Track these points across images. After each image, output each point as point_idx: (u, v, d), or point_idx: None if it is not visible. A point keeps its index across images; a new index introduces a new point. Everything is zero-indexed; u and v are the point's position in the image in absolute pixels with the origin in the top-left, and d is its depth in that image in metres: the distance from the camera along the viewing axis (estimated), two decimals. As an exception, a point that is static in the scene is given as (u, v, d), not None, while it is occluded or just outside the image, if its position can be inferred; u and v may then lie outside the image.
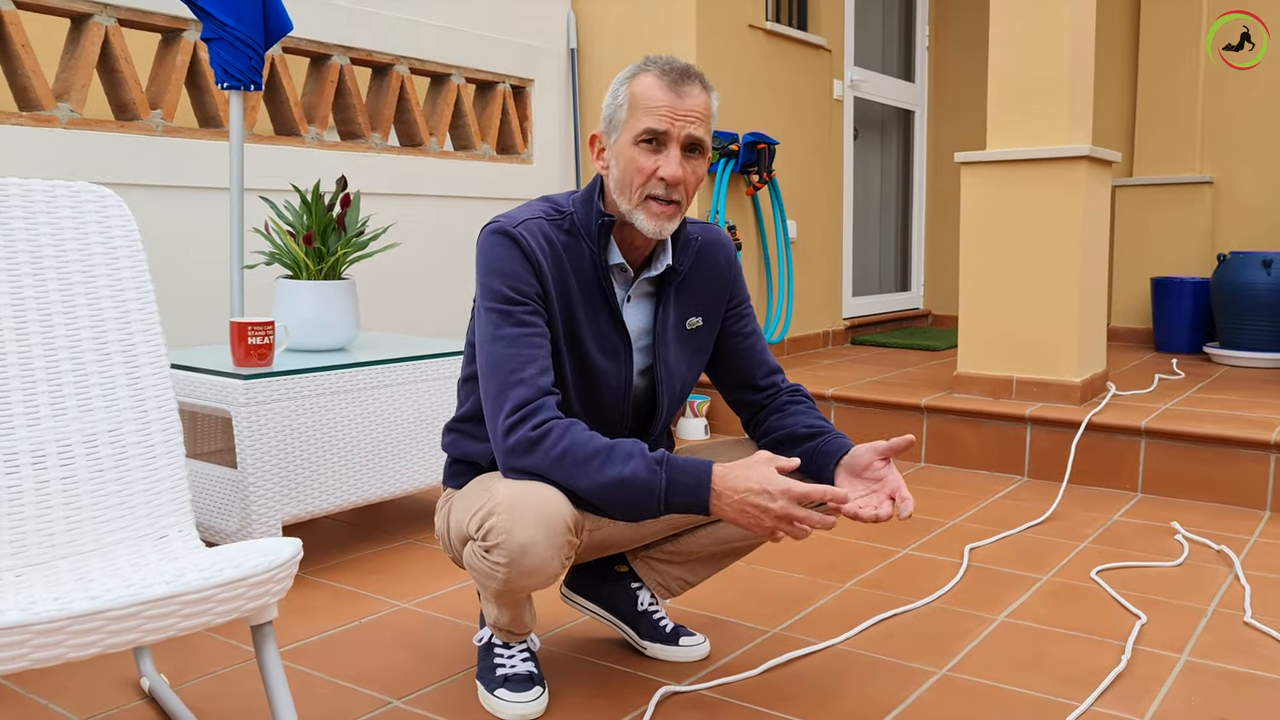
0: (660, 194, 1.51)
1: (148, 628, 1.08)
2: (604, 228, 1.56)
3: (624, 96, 1.52)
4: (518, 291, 1.50)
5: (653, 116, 1.49)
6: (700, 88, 1.52)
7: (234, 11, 2.50)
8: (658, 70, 1.51)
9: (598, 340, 1.58)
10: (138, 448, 1.59)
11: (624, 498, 1.41)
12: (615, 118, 1.54)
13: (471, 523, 1.46)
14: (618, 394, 1.62)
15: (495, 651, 1.67)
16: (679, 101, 1.49)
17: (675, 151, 1.50)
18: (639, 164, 1.50)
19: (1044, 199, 3.24)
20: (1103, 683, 1.73)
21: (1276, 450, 2.79)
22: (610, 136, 1.55)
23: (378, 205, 3.36)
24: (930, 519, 2.73)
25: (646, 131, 1.49)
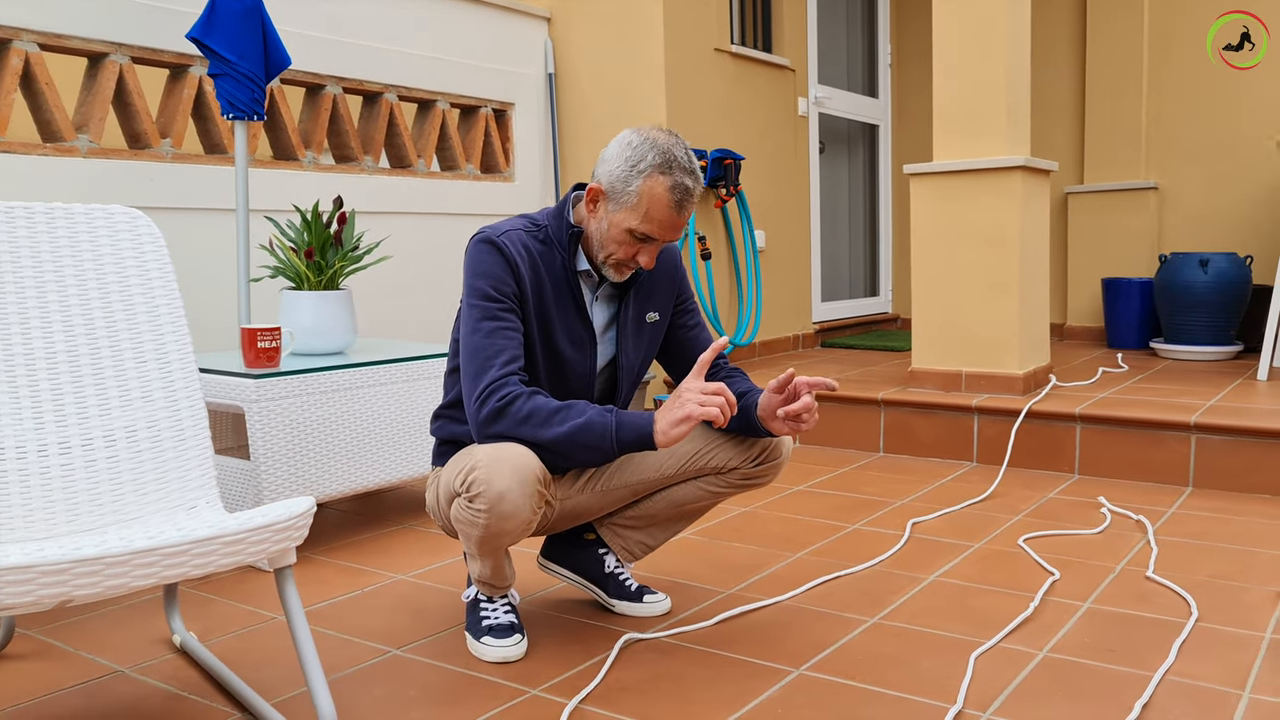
0: (631, 266, 1.84)
1: (194, 563, 1.34)
2: (573, 238, 1.86)
3: (637, 188, 1.76)
4: (497, 291, 1.78)
5: (652, 226, 1.77)
6: (693, 205, 1.81)
7: (237, 49, 2.77)
8: (671, 184, 1.75)
9: (567, 333, 1.86)
10: (172, 436, 1.84)
11: (583, 439, 1.68)
12: (620, 194, 1.78)
13: (456, 479, 1.73)
14: (584, 380, 1.91)
15: (481, 606, 1.93)
16: (677, 219, 1.78)
17: (656, 248, 1.81)
18: (626, 246, 1.80)
19: (985, 206, 3.52)
20: (1010, 625, 2.00)
21: (1196, 431, 3.06)
22: (610, 203, 1.79)
23: (371, 222, 3.63)
24: (880, 499, 3.00)
25: (643, 234, 1.78)
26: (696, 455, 1.93)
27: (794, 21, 5.01)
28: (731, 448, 1.93)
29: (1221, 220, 5.02)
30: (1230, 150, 4.97)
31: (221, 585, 2.33)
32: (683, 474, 1.95)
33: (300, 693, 1.75)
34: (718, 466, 1.94)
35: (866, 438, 3.66)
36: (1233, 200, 4.98)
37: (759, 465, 1.95)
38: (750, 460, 1.94)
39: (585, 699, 1.71)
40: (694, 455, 1.93)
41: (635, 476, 1.94)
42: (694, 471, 1.95)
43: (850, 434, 3.70)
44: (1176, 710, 1.63)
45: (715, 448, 1.93)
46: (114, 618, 2.14)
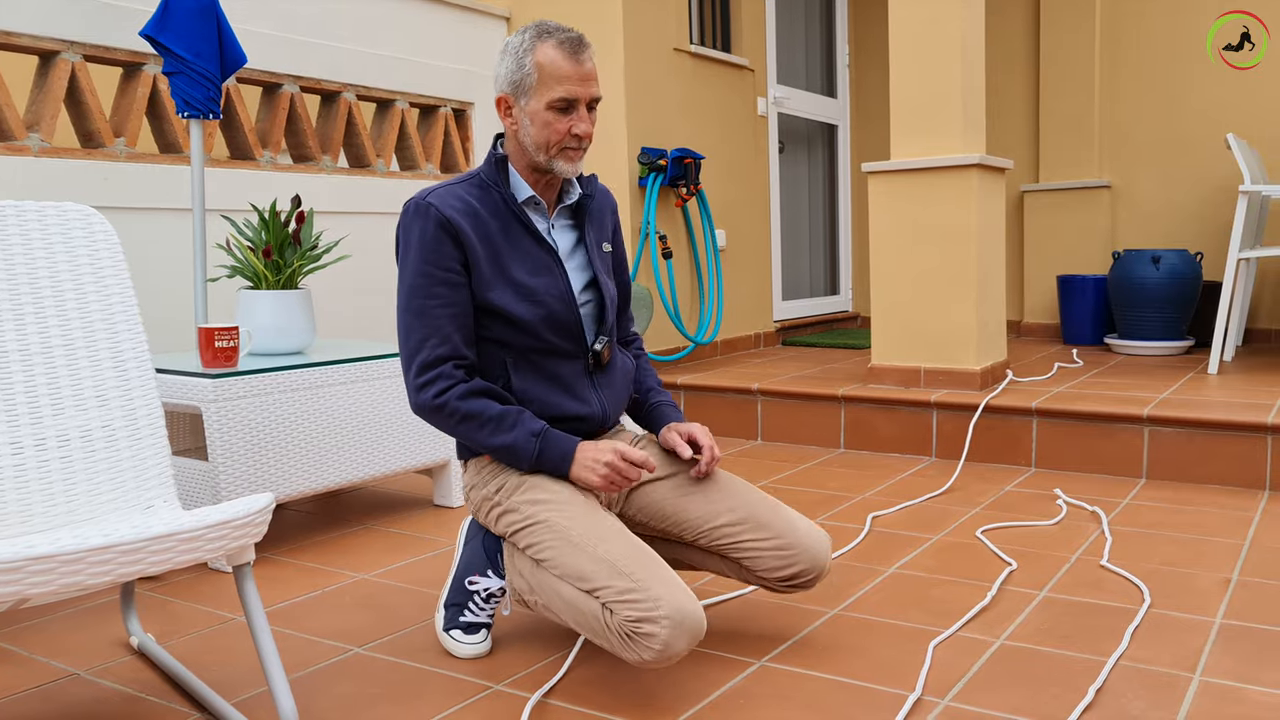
0: (573, 145, 1.77)
1: (151, 560, 1.33)
2: (500, 164, 1.82)
3: (531, 66, 1.72)
4: (430, 263, 1.73)
5: (564, 86, 1.72)
6: (590, 51, 1.78)
7: (192, 47, 2.74)
8: (556, 41, 1.72)
9: (526, 264, 1.80)
10: (127, 436, 1.82)
11: (507, 459, 1.76)
12: (523, 84, 1.74)
13: (620, 605, 1.56)
14: (566, 303, 1.82)
15: (474, 601, 1.88)
16: (581, 69, 1.73)
17: (583, 111, 1.75)
18: (555, 126, 1.74)
19: (942, 204, 3.57)
20: (968, 614, 2.02)
21: (1149, 424, 3.12)
22: (519, 100, 1.76)
23: (330, 222, 3.61)
24: (842, 494, 3.02)
25: (560, 101, 1.73)
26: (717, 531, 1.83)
27: (753, 22, 5.04)
28: (759, 550, 1.80)
29: (1173, 218, 5.11)
30: (1181, 149, 5.06)
31: (179, 587, 2.31)
32: (709, 545, 1.85)
33: (261, 692, 1.74)
34: (745, 563, 1.83)
35: (827, 434, 3.69)
36: (1184, 198, 5.08)
37: (786, 587, 1.84)
38: (778, 580, 1.83)
39: (548, 693, 1.72)
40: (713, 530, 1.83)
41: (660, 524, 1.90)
42: (718, 548, 1.84)
43: (811, 430, 3.73)
44: (1130, 694, 1.66)
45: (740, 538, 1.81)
46: (70, 620, 2.11)
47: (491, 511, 1.81)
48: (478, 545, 1.91)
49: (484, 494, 1.82)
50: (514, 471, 1.80)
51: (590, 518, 1.69)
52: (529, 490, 1.76)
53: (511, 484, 1.79)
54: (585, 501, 1.74)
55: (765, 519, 1.82)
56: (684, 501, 1.86)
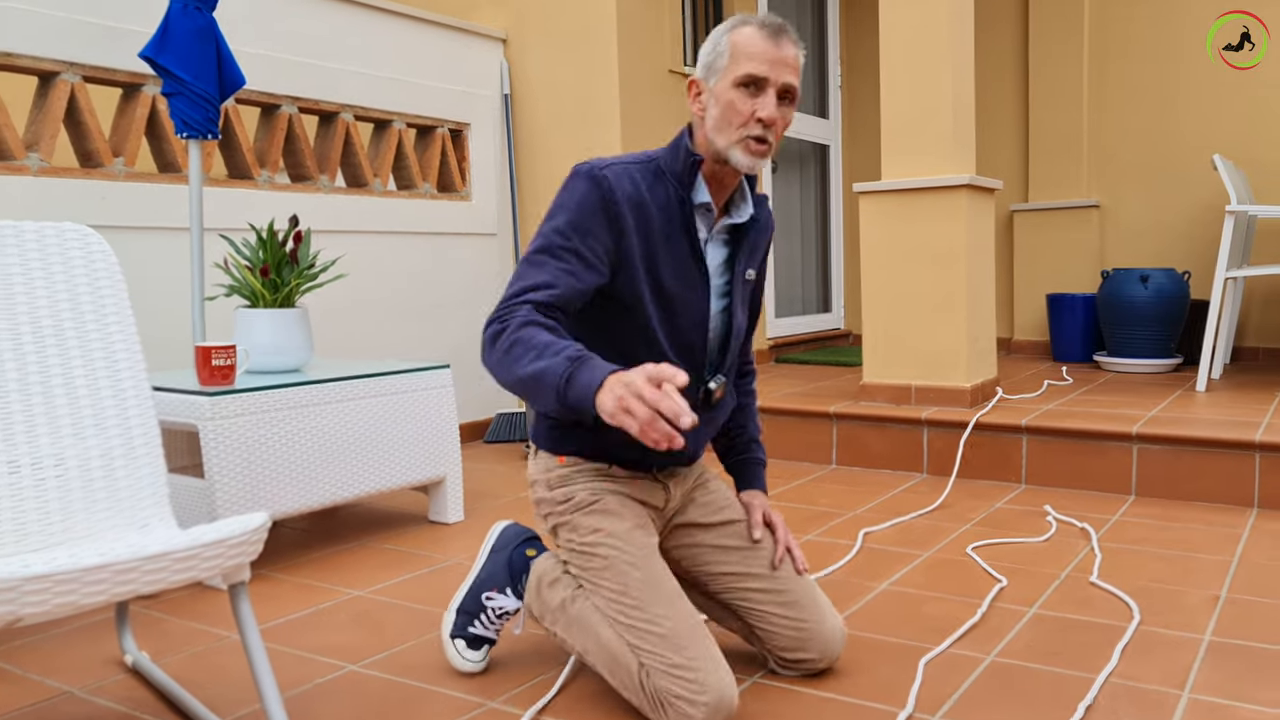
0: (756, 134, 1.64)
1: (146, 579, 1.34)
2: (692, 166, 1.69)
3: (725, 45, 1.65)
4: (575, 229, 1.60)
5: (753, 63, 1.62)
6: (793, 42, 1.66)
7: (191, 69, 2.77)
8: (757, 24, 1.64)
9: (675, 269, 1.69)
10: (123, 455, 1.84)
11: (538, 390, 1.45)
12: (715, 64, 1.66)
13: (665, 677, 1.56)
14: (698, 324, 1.73)
15: (486, 615, 1.87)
16: (777, 51, 1.63)
17: (771, 96, 1.64)
18: (738, 106, 1.63)
19: (932, 223, 3.60)
20: (958, 631, 2.04)
21: (1138, 441, 3.14)
22: (709, 81, 1.67)
23: (327, 241, 3.63)
24: (833, 511, 3.04)
25: (747, 76, 1.62)
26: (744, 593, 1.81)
27: (746, 43, 5.08)
28: (777, 626, 1.79)
29: (1161, 237, 5.16)
30: (1168, 169, 5.11)
31: (174, 604, 2.32)
32: (730, 600, 1.84)
33: (254, 710, 1.75)
34: (759, 631, 1.82)
35: (819, 450, 3.71)
36: (1172, 218, 5.13)
37: (786, 668, 1.83)
38: (785, 659, 1.81)
39: (542, 710, 1.73)
40: (741, 590, 1.81)
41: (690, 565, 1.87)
42: (739, 608, 1.83)
43: (804, 447, 3.75)
44: (1119, 711, 1.68)
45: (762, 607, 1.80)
46: (64, 639, 2.12)
47: (550, 518, 1.76)
48: (503, 561, 1.88)
49: (549, 497, 1.76)
50: (584, 485, 1.74)
51: (651, 568, 1.65)
52: (594, 513, 1.70)
53: (580, 499, 1.73)
54: (648, 541, 1.70)
55: (795, 598, 1.80)
56: (722, 555, 1.83)
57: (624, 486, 1.77)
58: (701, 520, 1.86)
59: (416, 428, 2.86)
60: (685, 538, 1.86)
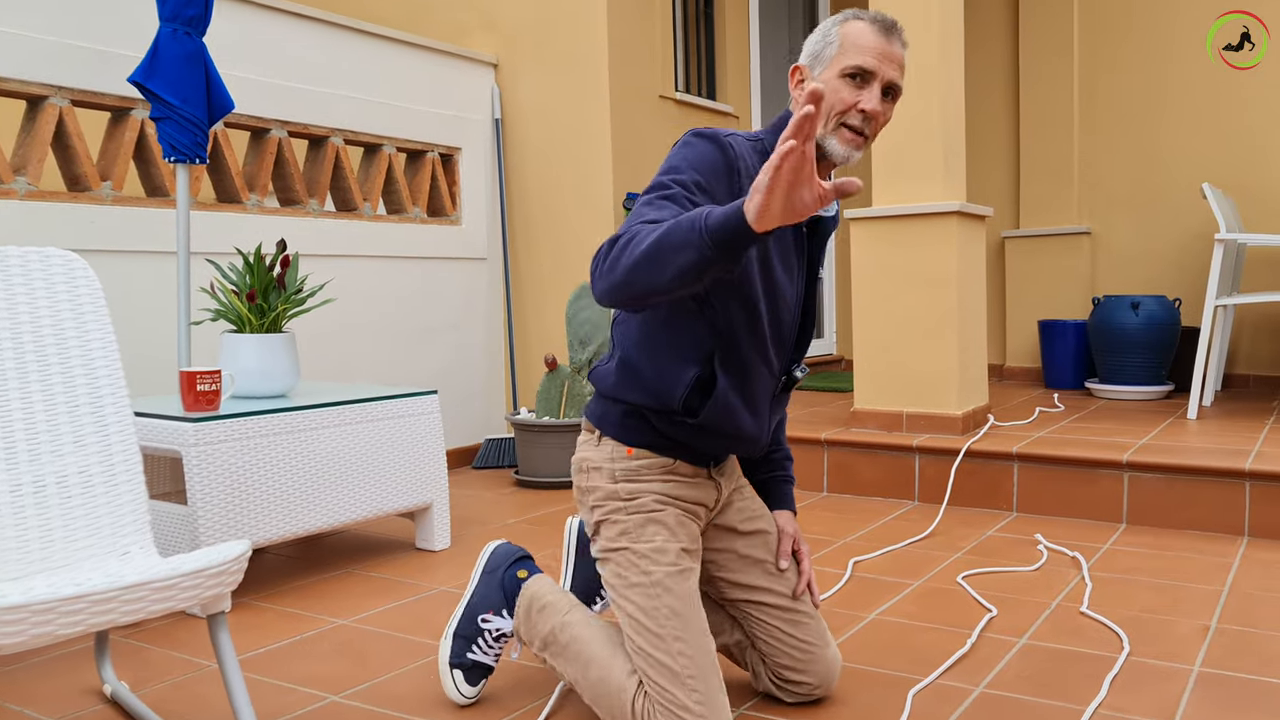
0: (856, 124, 1.62)
1: (124, 609, 1.32)
2: None
3: (835, 36, 1.64)
4: (694, 183, 1.52)
5: (862, 55, 1.61)
6: (902, 42, 1.66)
7: (180, 93, 2.77)
8: (869, 19, 1.64)
9: (782, 256, 1.67)
10: (104, 481, 1.82)
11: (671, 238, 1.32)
12: (823, 54, 1.64)
13: (666, 713, 1.54)
14: (791, 313, 1.71)
15: (483, 638, 1.84)
16: (887, 47, 1.63)
17: (877, 89, 1.62)
18: (842, 95, 1.61)
19: (923, 250, 3.60)
20: (947, 661, 2.02)
21: (1129, 469, 3.14)
22: (814, 69, 1.65)
23: (316, 265, 3.62)
24: (824, 538, 3.02)
25: (855, 67, 1.61)
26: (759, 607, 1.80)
27: (737, 70, 5.11)
28: (784, 645, 1.78)
29: (1152, 264, 5.17)
30: (1158, 196, 5.14)
31: (155, 633, 2.29)
32: (743, 611, 1.82)
33: (234, 742, 1.72)
34: (763, 647, 1.81)
35: (811, 477, 3.70)
36: (1162, 245, 5.15)
37: (782, 689, 1.82)
38: (784, 680, 1.81)
39: (525, 743, 1.70)
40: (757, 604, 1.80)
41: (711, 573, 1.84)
42: (749, 619, 1.81)
43: (796, 474, 3.73)
44: (1107, 743, 1.66)
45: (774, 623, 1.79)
46: (42, 668, 2.09)
47: (600, 509, 1.69)
48: (496, 582, 1.86)
49: (610, 489, 1.68)
50: (652, 487, 1.67)
51: (685, 597, 1.61)
52: (654, 523, 1.65)
53: (645, 503, 1.67)
54: (690, 566, 1.65)
55: (805, 621, 1.80)
56: (748, 566, 1.81)
57: (686, 489, 1.72)
58: (737, 525, 1.83)
59: (403, 454, 2.84)
60: (719, 540, 1.83)
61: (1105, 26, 5.21)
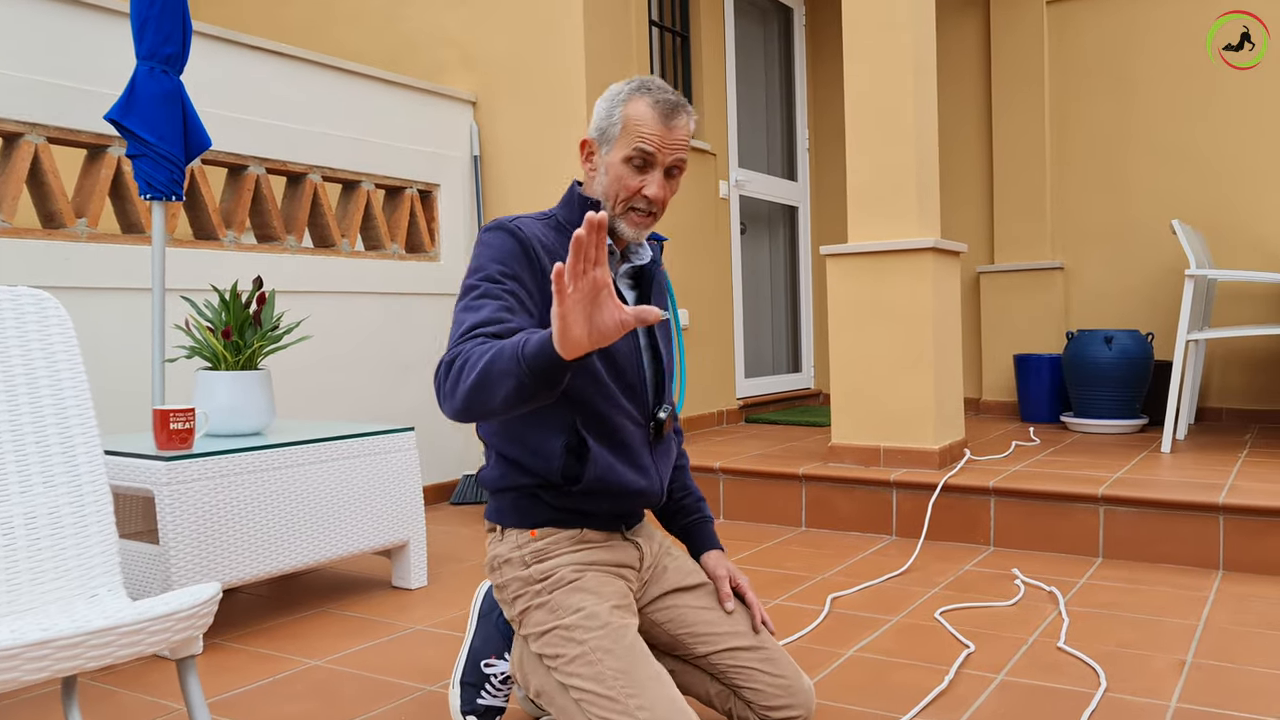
0: (642, 207, 1.67)
1: (90, 655, 1.30)
2: (591, 207, 1.69)
3: (619, 116, 1.66)
4: (503, 265, 1.59)
5: (644, 142, 1.64)
6: (686, 117, 1.67)
7: (156, 130, 2.77)
8: (652, 100, 1.65)
9: None
10: (73, 522, 1.79)
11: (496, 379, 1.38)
12: (609, 133, 1.67)
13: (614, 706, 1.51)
14: (635, 365, 1.71)
15: (490, 684, 1.83)
16: (669, 132, 1.65)
17: (659, 174, 1.66)
18: (626, 181, 1.65)
19: (898, 285, 3.63)
20: (924, 699, 2.02)
21: (1105, 503, 3.15)
22: (602, 148, 1.68)
23: (293, 302, 3.61)
24: (801, 574, 3.02)
25: (638, 154, 1.64)
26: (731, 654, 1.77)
27: (715, 107, 5.16)
28: (766, 684, 1.75)
29: (1125, 299, 5.23)
30: (1129, 232, 5.21)
31: (125, 676, 2.25)
32: (716, 664, 1.78)
33: (204, 788, 1.69)
34: (745, 692, 1.76)
35: (788, 512, 3.70)
36: (1134, 280, 5.21)
37: None
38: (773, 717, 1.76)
39: (500, 786, 1.68)
40: (728, 651, 1.77)
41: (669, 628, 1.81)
42: (725, 670, 1.77)
43: (772, 509, 3.73)
44: (1084, 781, 1.66)
45: (750, 666, 1.76)
46: (7, 713, 2.05)
47: (522, 599, 1.67)
48: (492, 625, 1.84)
49: (524, 575, 1.66)
50: (565, 558, 1.67)
51: (628, 653, 1.57)
52: (576, 591, 1.63)
53: (562, 575, 1.65)
54: (626, 622, 1.62)
55: (774, 655, 1.79)
56: (706, 614, 1.79)
57: (602, 553, 1.72)
58: (681, 584, 1.82)
59: (379, 491, 2.82)
60: (669, 602, 1.81)
61: (1075, 64, 5.31)
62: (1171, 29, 5.07)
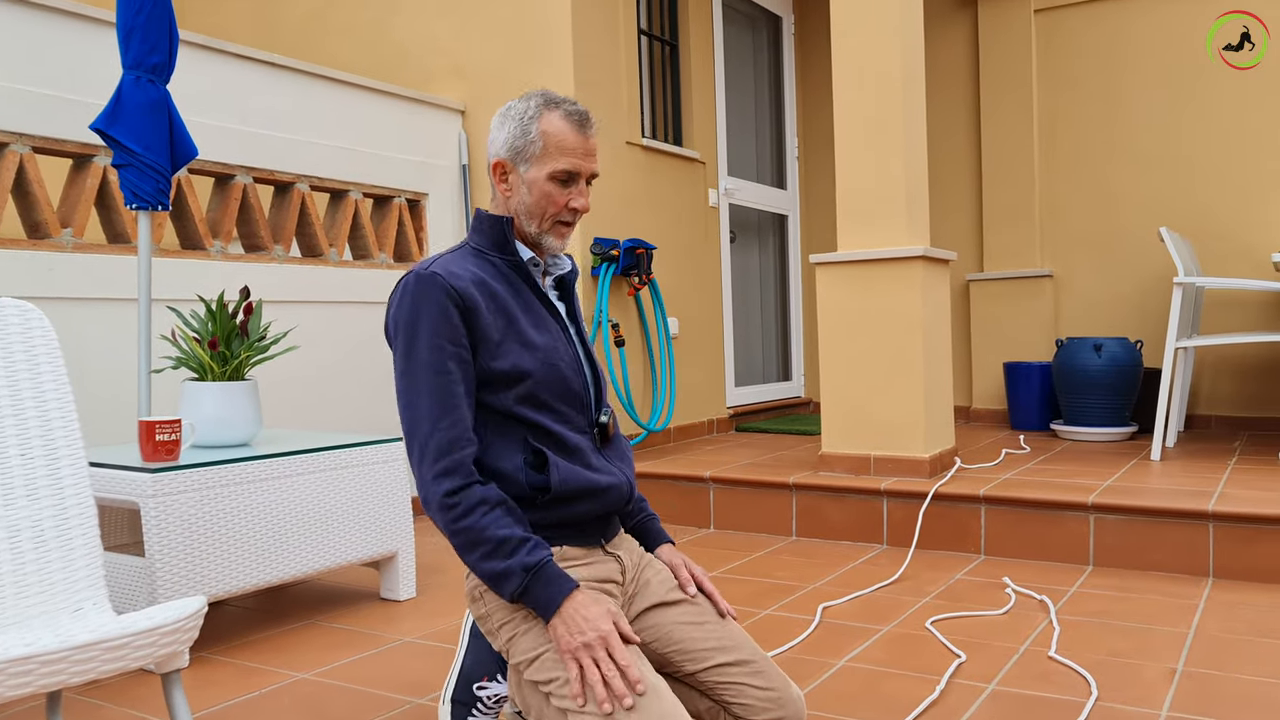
0: (569, 220, 1.72)
1: (74, 670, 1.29)
2: (506, 225, 1.72)
3: (536, 134, 1.67)
4: (442, 336, 1.61)
5: (568, 158, 1.67)
6: (595, 126, 1.74)
7: (142, 140, 2.75)
8: (563, 112, 1.68)
9: (536, 324, 1.71)
10: (57, 535, 1.78)
11: (495, 588, 1.57)
12: (527, 151, 1.68)
13: None
14: (576, 371, 1.73)
15: (481, 704, 1.82)
16: (586, 143, 1.69)
17: (583, 185, 1.71)
18: (553, 197, 1.69)
19: (888, 294, 3.63)
20: (916, 710, 2.01)
21: (1095, 511, 3.15)
22: (520, 166, 1.69)
23: (281, 311, 3.60)
24: (792, 584, 3.01)
25: (563, 172, 1.67)
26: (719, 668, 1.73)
27: (703, 116, 5.16)
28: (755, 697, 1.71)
29: (1114, 306, 5.25)
30: (1118, 240, 5.22)
31: (111, 690, 2.23)
32: (704, 679, 1.75)
33: (189, 804, 1.67)
34: (733, 705, 1.73)
35: (779, 522, 3.69)
36: (1123, 287, 5.22)
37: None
38: None
39: (489, 800, 1.67)
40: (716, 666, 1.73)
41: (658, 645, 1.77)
42: (713, 684, 1.74)
43: (763, 518, 3.72)
44: (1076, 791, 1.65)
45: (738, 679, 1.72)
46: (-8, 729, 2.03)
47: (506, 629, 1.65)
48: (485, 645, 1.82)
49: (502, 603, 1.65)
50: None
51: None
52: None
53: None
54: None
55: (764, 668, 1.76)
56: (692, 630, 1.76)
57: (584, 570, 1.69)
58: (664, 599, 1.80)
59: (367, 502, 2.81)
60: (653, 619, 1.79)
61: (1063, 72, 5.33)
62: (1159, 37, 5.10)
